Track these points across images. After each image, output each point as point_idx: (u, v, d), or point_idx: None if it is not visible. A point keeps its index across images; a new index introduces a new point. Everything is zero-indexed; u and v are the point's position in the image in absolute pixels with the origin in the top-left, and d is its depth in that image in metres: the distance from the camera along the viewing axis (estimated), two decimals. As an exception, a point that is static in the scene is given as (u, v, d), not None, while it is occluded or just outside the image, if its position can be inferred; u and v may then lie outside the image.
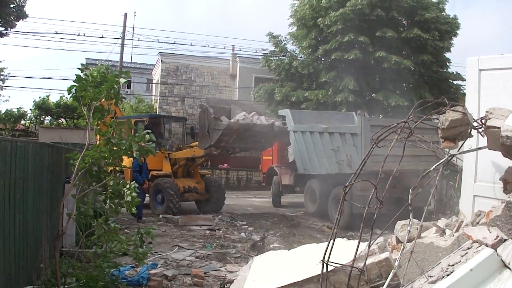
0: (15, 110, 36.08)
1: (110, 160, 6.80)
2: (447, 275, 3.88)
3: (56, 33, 26.68)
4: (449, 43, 24.16)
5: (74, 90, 6.54)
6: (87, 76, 6.58)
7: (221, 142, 14.99)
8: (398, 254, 4.46)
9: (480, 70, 5.83)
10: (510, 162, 4.75)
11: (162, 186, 15.87)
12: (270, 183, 20.26)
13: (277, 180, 19.51)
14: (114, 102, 6.92)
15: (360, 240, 4.21)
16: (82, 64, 7.16)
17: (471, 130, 4.79)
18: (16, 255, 5.44)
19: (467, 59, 6.06)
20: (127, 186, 6.73)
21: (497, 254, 3.96)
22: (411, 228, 4.85)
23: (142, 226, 11.59)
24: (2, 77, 30.89)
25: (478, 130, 4.82)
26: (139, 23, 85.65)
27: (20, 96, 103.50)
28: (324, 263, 4.05)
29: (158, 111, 32.62)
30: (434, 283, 3.90)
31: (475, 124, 4.80)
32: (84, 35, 32.66)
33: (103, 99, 6.66)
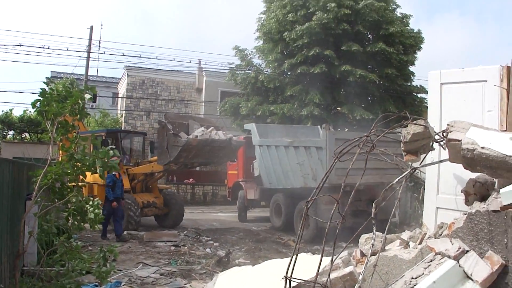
0: (-24, 124, 35.16)
1: (73, 176, 6.67)
2: (411, 288, 3.88)
3: (20, 45, 26.21)
4: (413, 57, 24.60)
5: (38, 104, 6.40)
6: (52, 91, 6.46)
7: (180, 158, 15.23)
8: (362, 267, 4.44)
9: (441, 84, 5.90)
10: (471, 174, 4.79)
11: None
12: (236, 197, 20.20)
13: (242, 195, 19.45)
14: (78, 118, 6.81)
15: (322, 255, 4.18)
16: (47, 77, 7.07)
17: (433, 143, 4.83)
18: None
19: (429, 73, 6.13)
20: (90, 202, 6.60)
21: (459, 265, 3.98)
22: (375, 241, 4.84)
23: (106, 243, 11.36)
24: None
25: (440, 143, 4.86)
26: (105, 36, 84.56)
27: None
28: (287, 279, 4.00)
29: (123, 125, 32.18)
30: (398, 296, 3.89)
31: (437, 137, 4.83)
32: (48, 48, 32.08)
33: (67, 114, 6.54)
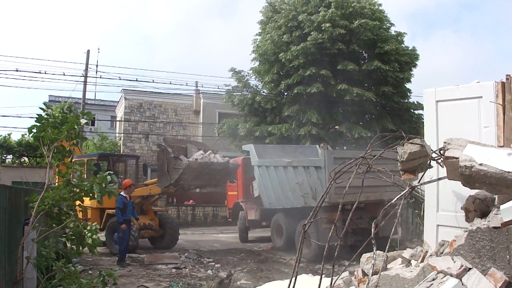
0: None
1: (71, 202, 6.66)
2: (414, 308, 3.87)
3: (16, 70, 26.24)
4: (409, 74, 24.70)
5: (34, 130, 6.42)
6: (49, 116, 6.47)
7: (180, 180, 15.45)
8: (364, 287, 4.43)
9: (437, 101, 5.94)
10: (471, 191, 4.80)
11: None
12: (237, 218, 20.15)
13: (243, 215, 19.40)
14: (75, 143, 6.82)
15: (322, 278, 4.17)
16: (44, 103, 7.07)
17: (430, 161, 4.84)
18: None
19: (424, 91, 6.17)
20: (87, 227, 6.59)
21: (462, 283, 3.97)
22: (376, 260, 4.83)
23: (106, 267, 11.26)
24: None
25: (437, 161, 4.87)
26: (102, 60, 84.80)
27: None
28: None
29: (122, 148, 32.21)
30: (401, 316, 3.87)
31: (434, 155, 4.85)
32: (45, 73, 32.12)
33: (64, 140, 6.54)
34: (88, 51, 29.45)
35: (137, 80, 38.72)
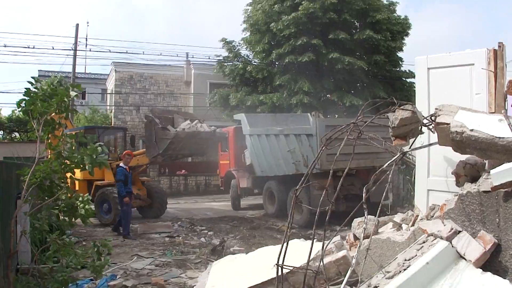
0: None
1: (62, 174, 6.64)
2: (404, 270, 3.95)
3: (5, 46, 25.96)
4: (401, 43, 24.74)
5: (23, 104, 6.37)
6: (37, 89, 6.42)
7: (168, 150, 15.58)
8: (355, 251, 4.51)
9: (428, 69, 5.94)
10: (461, 157, 4.85)
11: (109, 195, 15.78)
12: (229, 187, 20.27)
13: (235, 184, 19.52)
14: (65, 115, 6.77)
15: (313, 241, 4.23)
16: (33, 77, 6.98)
17: (421, 127, 4.88)
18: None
19: (416, 58, 6.17)
20: (79, 198, 6.59)
21: (452, 246, 4.04)
22: (367, 225, 4.91)
23: (100, 237, 11.28)
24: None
25: (429, 127, 4.91)
26: (92, 33, 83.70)
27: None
28: (279, 267, 4.05)
29: (113, 120, 32.09)
30: (391, 278, 3.96)
31: (425, 121, 4.88)
32: (34, 47, 31.70)
33: (54, 113, 6.50)
34: (77, 24, 29.12)
35: (127, 52, 38.57)
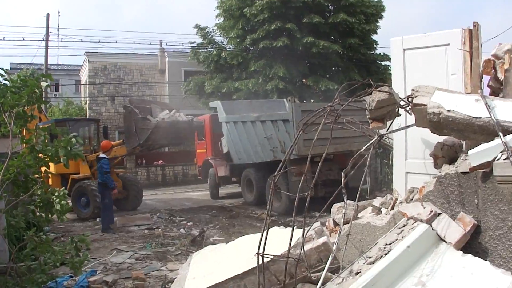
0: None
1: (36, 168, 6.48)
2: (385, 254, 3.90)
3: (-27, 38, 25.37)
4: (375, 26, 24.81)
5: (-7, 96, 6.17)
6: (8, 81, 6.25)
7: (149, 140, 15.54)
8: (336, 237, 4.45)
9: (404, 50, 5.89)
10: (439, 138, 4.81)
11: (86, 188, 15.57)
12: (207, 175, 20.14)
13: (213, 172, 19.42)
14: (37, 107, 6.60)
15: (293, 229, 4.16)
16: (2, 68, 6.75)
17: (398, 109, 4.82)
18: None
19: (391, 39, 6.11)
20: (55, 193, 6.44)
21: (432, 228, 4.01)
22: (347, 210, 4.85)
23: (77, 233, 11.08)
24: None
25: (406, 108, 4.86)
26: (63, 23, 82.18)
27: None
28: (259, 256, 3.98)
29: (88, 112, 31.60)
30: (373, 263, 3.91)
31: (402, 103, 4.82)
32: (4, 39, 31.00)
33: (25, 105, 6.32)
34: (48, 14, 28.53)
35: (99, 42, 37.81)
